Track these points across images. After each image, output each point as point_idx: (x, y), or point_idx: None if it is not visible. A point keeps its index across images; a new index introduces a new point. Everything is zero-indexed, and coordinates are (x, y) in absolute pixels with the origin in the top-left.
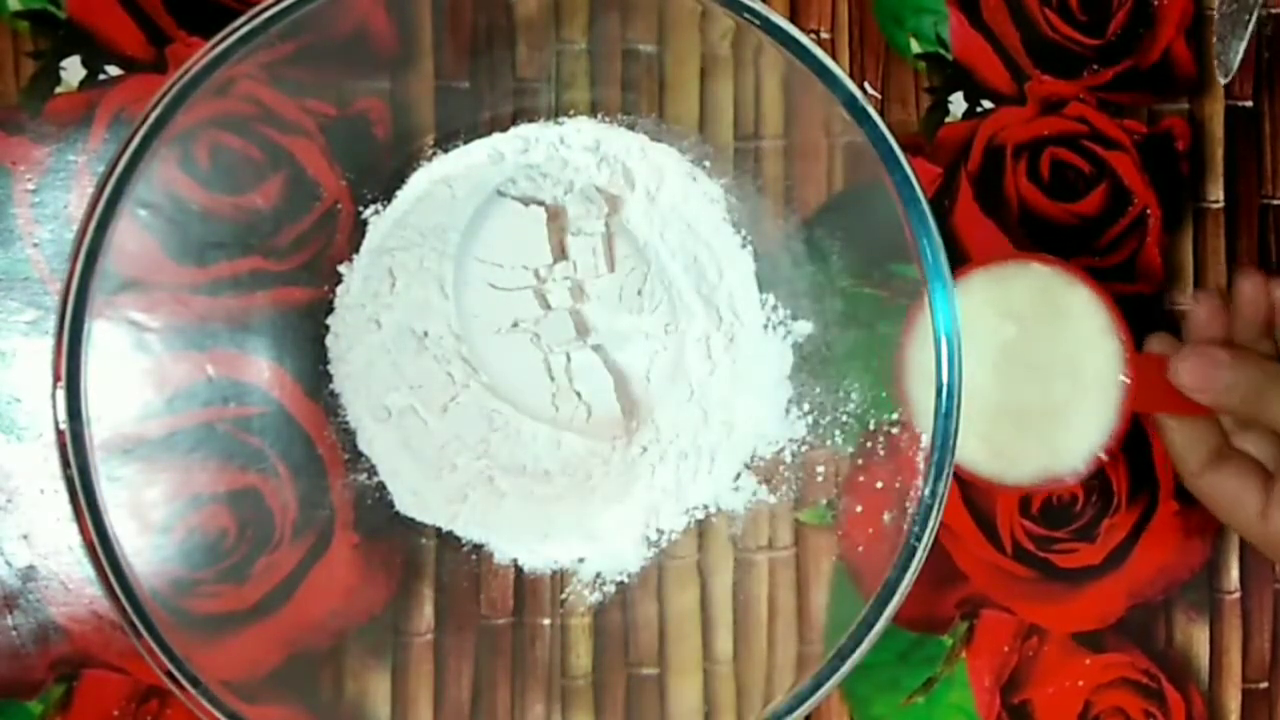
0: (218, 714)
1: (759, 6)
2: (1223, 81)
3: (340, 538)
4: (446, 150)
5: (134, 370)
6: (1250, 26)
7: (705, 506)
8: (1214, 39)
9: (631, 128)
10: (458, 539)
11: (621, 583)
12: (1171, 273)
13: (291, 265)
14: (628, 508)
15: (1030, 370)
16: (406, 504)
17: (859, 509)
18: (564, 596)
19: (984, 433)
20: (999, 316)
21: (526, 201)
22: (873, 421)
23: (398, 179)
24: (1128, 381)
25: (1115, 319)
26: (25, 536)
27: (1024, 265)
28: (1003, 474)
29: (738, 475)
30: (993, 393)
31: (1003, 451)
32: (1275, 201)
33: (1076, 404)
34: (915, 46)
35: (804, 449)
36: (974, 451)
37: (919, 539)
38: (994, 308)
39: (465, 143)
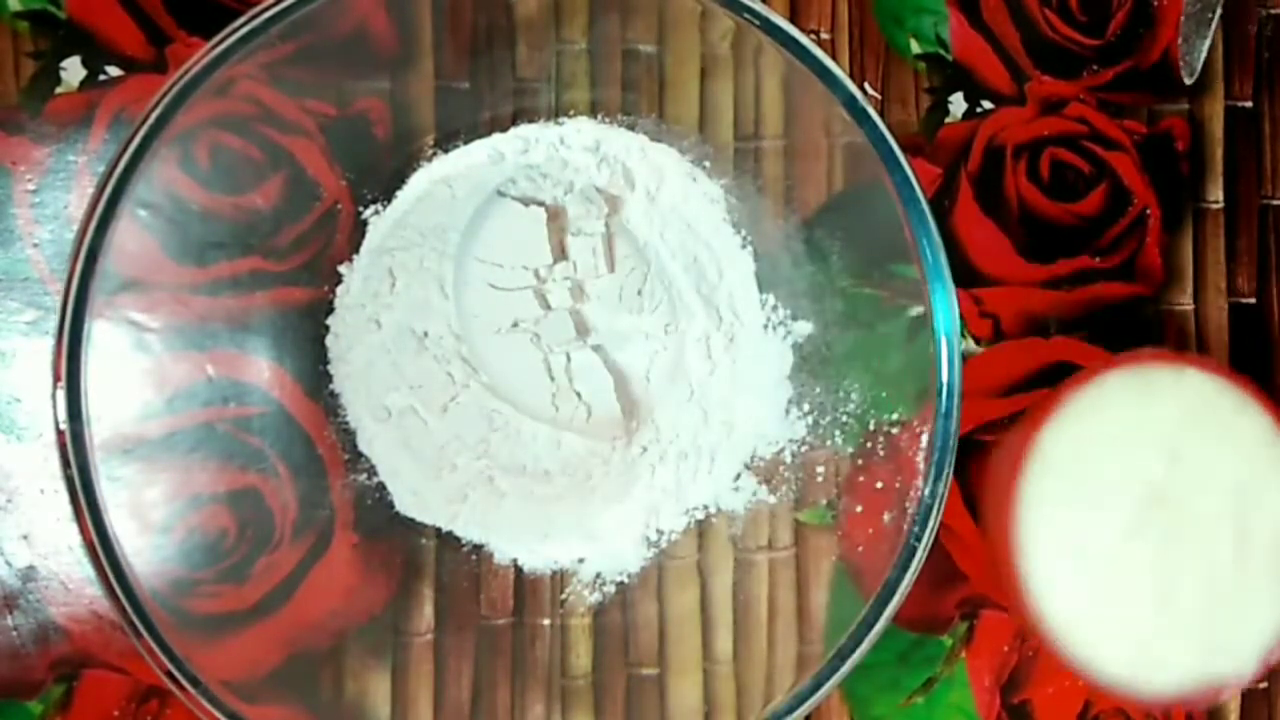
0: (218, 714)
1: (759, 6)
2: (1188, 81)
3: (340, 538)
4: (446, 150)
5: (134, 370)
6: (1214, 25)
7: (705, 506)
8: (1179, 39)
9: (631, 128)
10: (458, 539)
11: (621, 583)
12: (1171, 273)
13: (291, 265)
14: (628, 508)
15: (1181, 526)
16: (406, 504)
17: (859, 509)
18: (564, 596)
19: (1119, 622)
20: (1141, 445)
21: (526, 201)
22: (873, 421)
23: (398, 179)
24: None
25: None
26: (25, 536)
27: (1177, 371)
28: (1146, 681)
29: (738, 475)
30: (1131, 560)
31: (1145, 649)
32: (1275, 201)
33: (1243, 578)
34: (915, 47)
35: (804, 449)
36: (1107, 649)
37: (919, 539)
38: (1134, 431)
39: (465, 143)
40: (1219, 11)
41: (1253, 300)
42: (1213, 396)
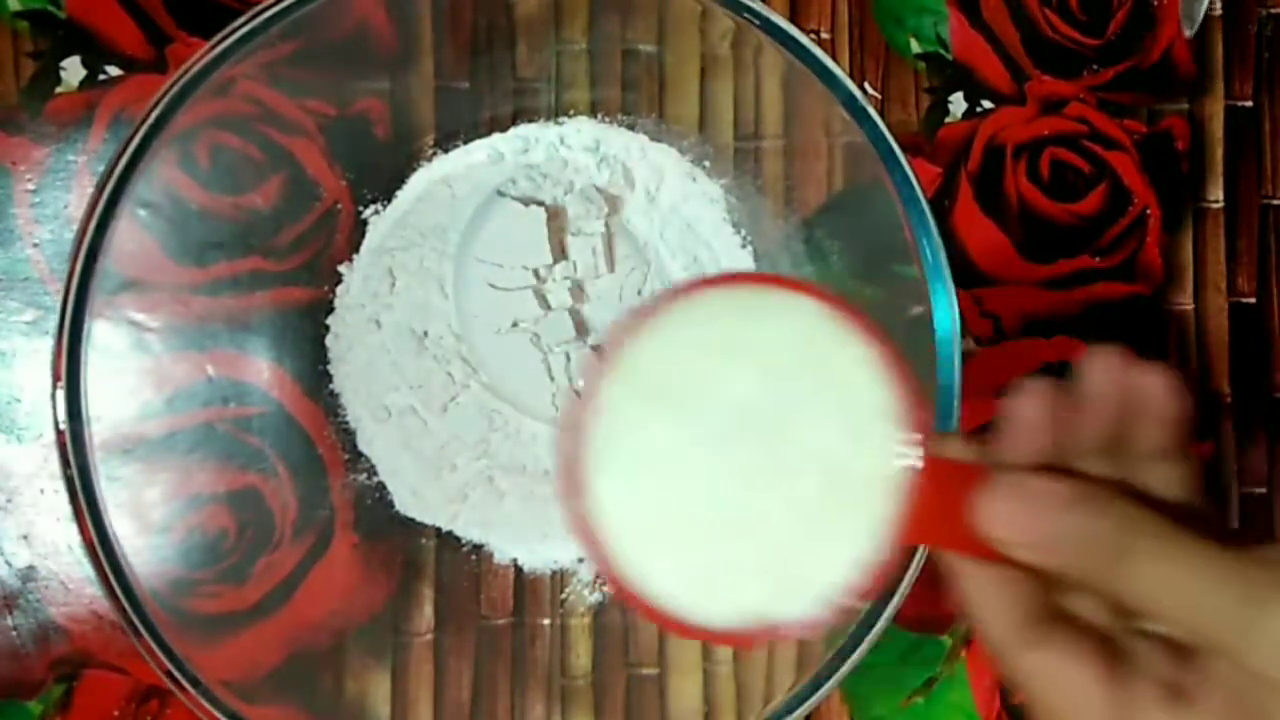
0: (218, 714)
1: (759, 6)
2: (1188, 34)
3: (340, 538)
4: (446, 150)
5: (134, 370)
6: None
7: None
8: None
9: (631, 128)
10: (458, 539)
11: None
12: (1171, 273)
13: (291, 265)
14: None
15: (762, 453)
16: (406, 504)
17: None
18: (564, 596)
19: (674, 542)
20: (727, 362)
21: (526, 201)
22: None
23: (398, 179)
24: (909, 485)
25: (905, 396)
26: (25, 536)
27: (778, 295)
28: (693, 608)
29: None
30: (708, 484)
31: (699, 574)
32: (1275, 201)
33: (824, 516)
34: (915, 46)
35: None
36: (656, 570)
37: None
38: (722, 349)
39: (465, 143)
40: None
41: (1253, 300)
42: (814, 323)
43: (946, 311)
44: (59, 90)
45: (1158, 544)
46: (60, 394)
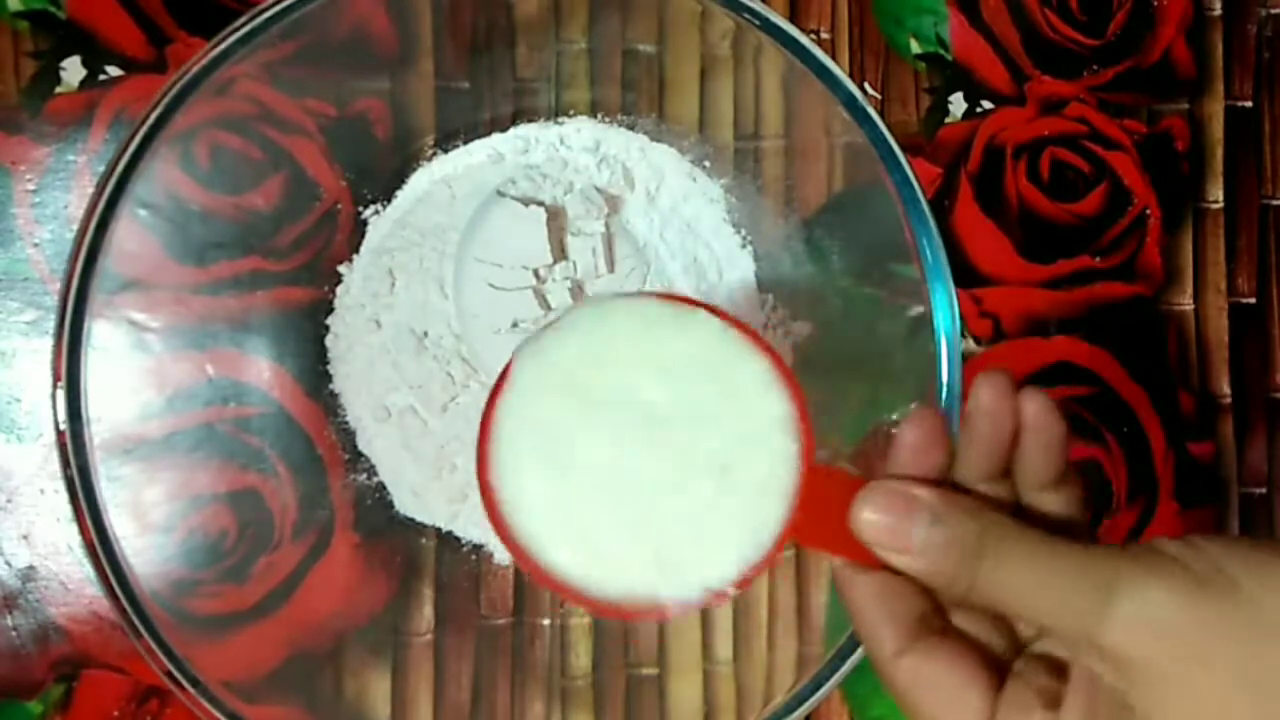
0: (218, 714)
1: (759, 6)
2: None
3: (340, 538)
4: (446, 150)
5: (134, 370)
6: None
7: None
8: None
9: (631, 128)
10: (458, 539)
11: None
12: (1171, 273)
13: (291, 265)
14: None
15: (662, 454)
16: (406, 504)
17: None
18: None
19: (576, 528)
20: (636, 368)
21: (526, 202)
22: (872, 421)
23: (398, 179)
24: (796, 491)
25: (797, 409)
26: (25, 536)
27: (687, 312)
28: (588, 582)
29: None
30: (607, 472)
31: (596, 551)
32: (1275, 201)
33: (716, 515)
34: (915, 46)
35: None
36: (558, 544)
37: None
38: (634, 356)
39: (465, 143)
40: None
41: (1253, 300)
42: (719, 340)
43: (946, 311)
44: (59, 90)
45: (1018, 546)
46: (60, 394)
